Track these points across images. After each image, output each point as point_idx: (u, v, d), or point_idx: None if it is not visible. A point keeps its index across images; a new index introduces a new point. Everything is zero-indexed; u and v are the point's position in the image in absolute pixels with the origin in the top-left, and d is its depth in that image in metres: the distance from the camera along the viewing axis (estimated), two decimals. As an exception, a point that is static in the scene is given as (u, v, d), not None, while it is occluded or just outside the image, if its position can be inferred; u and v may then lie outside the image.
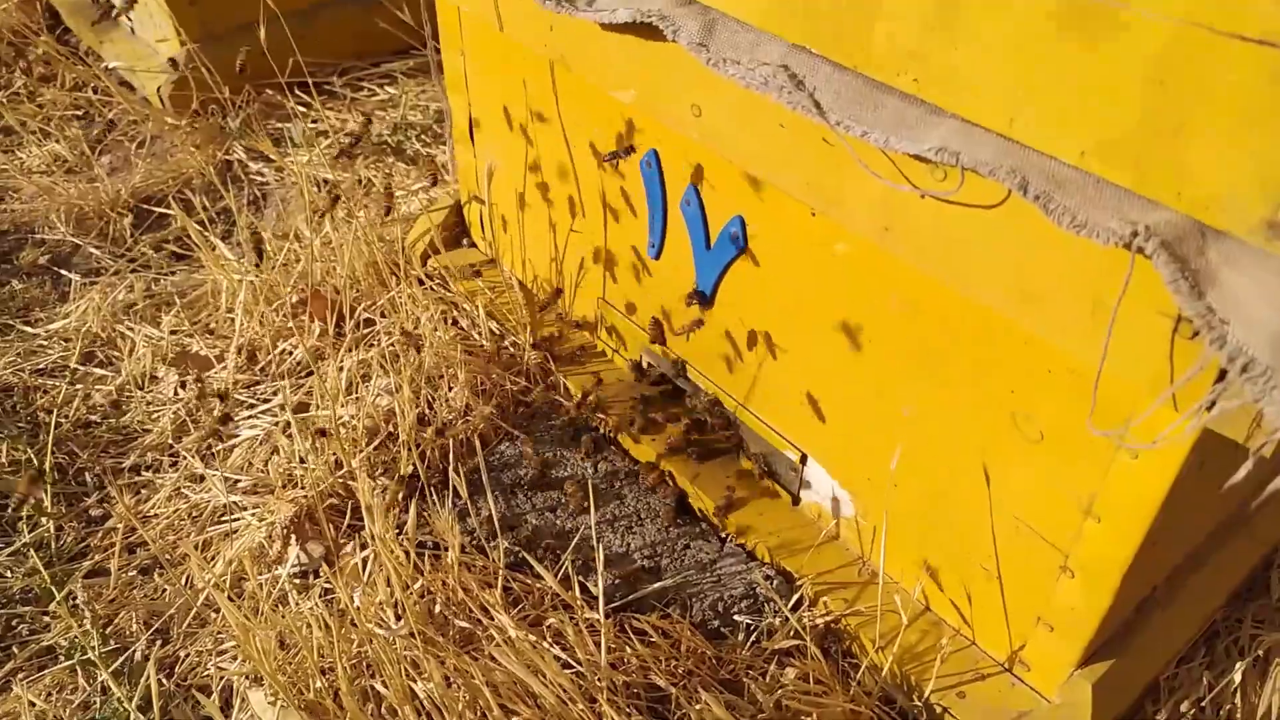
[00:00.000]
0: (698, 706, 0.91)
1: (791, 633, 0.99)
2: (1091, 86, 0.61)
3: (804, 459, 1.07)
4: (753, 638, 1.00)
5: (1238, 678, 0.96)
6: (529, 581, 1.03)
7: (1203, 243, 0.60)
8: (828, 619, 1.00)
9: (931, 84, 0.69)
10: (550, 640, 0.96)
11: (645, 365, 1.23)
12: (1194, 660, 0.98)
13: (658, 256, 1.14)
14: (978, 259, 0.74)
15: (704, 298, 1.08)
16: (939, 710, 0.92)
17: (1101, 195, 0.63)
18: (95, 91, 2.11)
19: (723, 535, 1.11)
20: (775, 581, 1.04)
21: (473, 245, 1.51)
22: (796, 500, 1.11)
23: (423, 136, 1.91)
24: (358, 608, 0.96)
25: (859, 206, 0.81)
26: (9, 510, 1.23)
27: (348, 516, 1.11)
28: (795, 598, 1.02)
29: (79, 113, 2.08)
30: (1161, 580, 0.96)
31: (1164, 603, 0.96)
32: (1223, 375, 0.59)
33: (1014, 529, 0.87)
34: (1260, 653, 0.99)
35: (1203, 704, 0.94)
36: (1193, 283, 0.58)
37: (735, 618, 1.02)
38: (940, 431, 0.89)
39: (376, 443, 1.18)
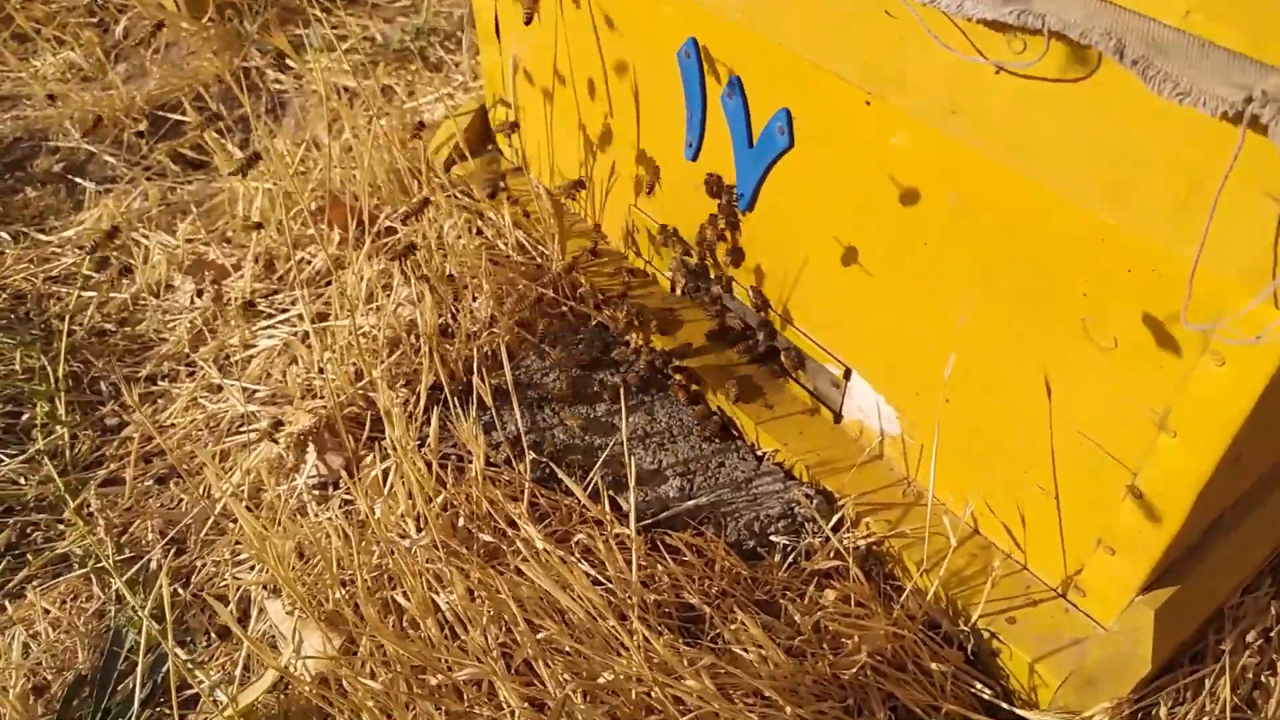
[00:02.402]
0: (733, 626, 0.86)
1: (832, 553, 0.94)
2: (1206, -71, 0.53)
3: (847, 374, 1.01)
4: (790, 558, 0.96)
5: (1307, 608, 0.90)
6: (556, 498, 0.98)
7: (1329, 111, 0.52)
8: (870, 540, 0.95)
9: (1015, -63, 0.62)
10: (579, 556, 0.91)
11: (681, 278, 1.16)
12: (1260, 589, 0.92)
13: (695, 158, 1.07)
14: (1057, 142, 0.67)
15: (744, 200, 1.02)
16: (987, 636, 0.88)
17: (1208, 60, 0.56)
18: (110, -4, 2.04)
19: (759, 453, 1.06)
20: (815, 501, 0.99)
21: (498, 152, 1.44)
22: (838, 418, 1.05)
23: (445, 43, 1.83)
24: (378, 518, 0.92)
25: (922, 87, 0.73)
26: (23, 418, 1.19)
27: (367, 428, 1.07)
28: (836, 518, 0.97)
29: (94, 19, 2.02)
30: (1230, 504, 0.90)
31: (1232, 527, 0.90)
32: (1346, 261, 0.53)
33: (1076, 445, 0.80)
34: (1331, 583, 0.93)
35: (1270, 634, 0.89)
36: (1315, 155, 0.51)
37: (772, 538, 0.97)
38: (999, 341, 0.83)
39: (398, 354, 1.13)
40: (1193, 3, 0.56)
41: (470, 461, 0.98)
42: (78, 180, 1.59)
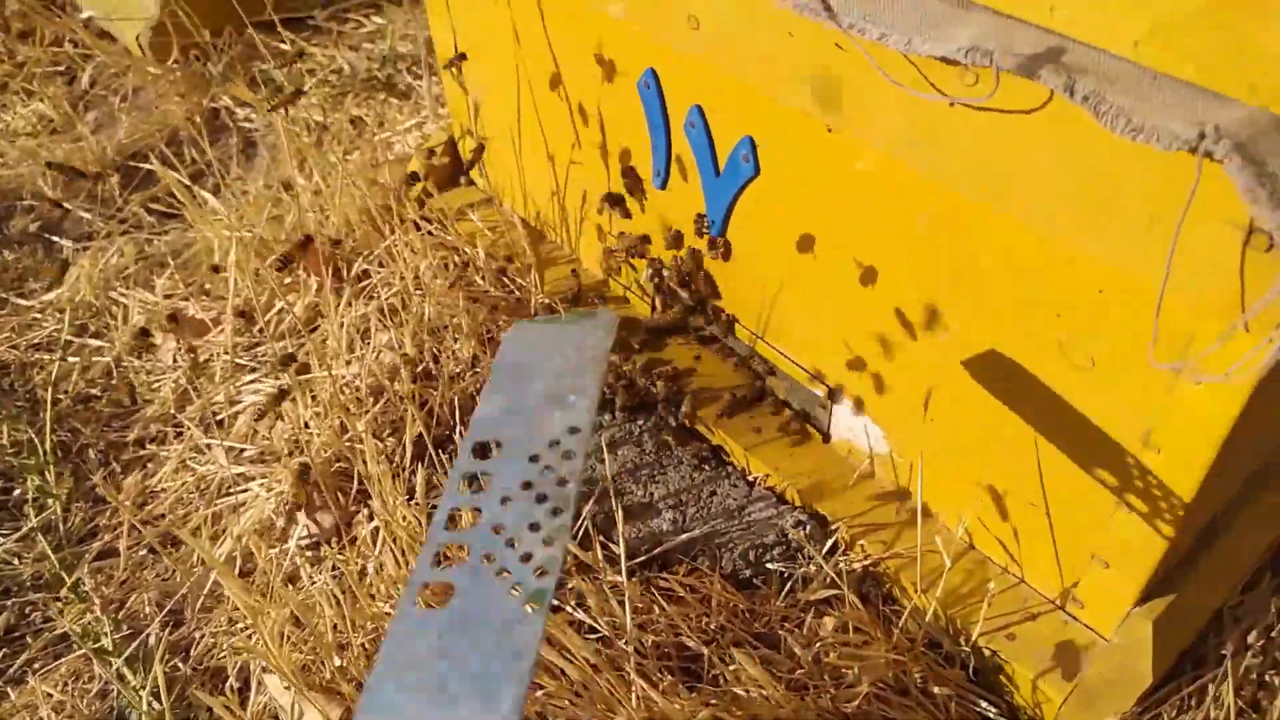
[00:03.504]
0: (732, 667, 0.86)
1: (827, 580, 0.93)
2: (1147, -38, 0.52)
3: (831, 394, 1.00)
4: (787, 587, 0.95)
5: (1310, 601, 0.89)
6: (548, 540, 0.98)
7: (1283, 142, 0.51)
8: (865, 563, 0.95)
9: (956, -26, 0.60)
10: (573, 604, 0.91)
11: (659, 302, 1.15)
12: (1260, 586, 0.91)
13: (664, 186, 1.06)
14: (1016, 172, 0.66)
15: (715, 226, 1.00)
16: (988, 653, 0.87)
17: (1160, 93, 0.55)
18: (75, 45, 2.02)
19: (749, 479, 1.05)
20: (808, 526, 0.98)
21: (471, 184, 1.43)
22: (827, 438, 1.04)
23: (413, 69, 1.81)
24: (368, 585, 0.92)
25: (879, 120, 0.72)
26: (14, 494, 1.19)
27: (355, 482, 1.06)
28: (830, 542, 0.96)
29: (60, 69, 2.00)
30: (1220, 508, 0.89)
31: (1225, 529, 0.89)
32: (1310, 295, 0.52)
33: (1063, 462, 0.80)
34: (1333, 572, 0.92)
35: (1272, 633, 0.88)
36: (1271, 189, 0.50)
37: (768, 566, 0.97)
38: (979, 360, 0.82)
39: (382, 403, 1.12)
40: (1142, 31, 0.55)
41: (460, 511, 0.97)
42: (54, 239, 1.58)
